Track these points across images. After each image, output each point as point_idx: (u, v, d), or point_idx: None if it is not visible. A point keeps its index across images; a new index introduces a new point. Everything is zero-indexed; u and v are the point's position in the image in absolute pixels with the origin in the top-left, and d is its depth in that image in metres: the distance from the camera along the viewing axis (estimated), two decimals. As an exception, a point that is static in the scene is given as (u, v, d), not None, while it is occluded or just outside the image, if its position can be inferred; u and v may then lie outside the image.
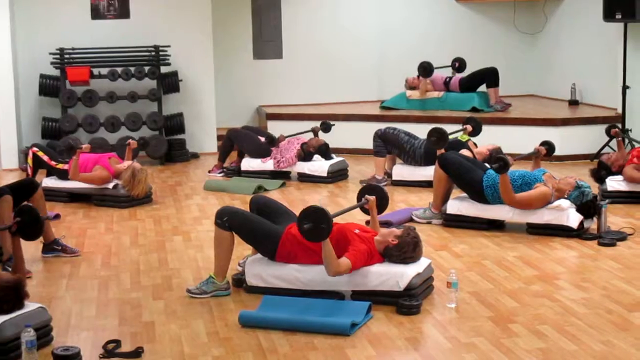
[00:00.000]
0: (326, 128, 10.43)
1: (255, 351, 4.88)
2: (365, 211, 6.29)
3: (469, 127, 9.34)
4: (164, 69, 11.55)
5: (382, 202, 6.28)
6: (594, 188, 7.75)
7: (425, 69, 11.99)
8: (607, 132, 9.17)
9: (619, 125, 10.14)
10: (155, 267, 6.64)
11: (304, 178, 9.93)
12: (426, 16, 13.58)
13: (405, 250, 5.62)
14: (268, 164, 10.00)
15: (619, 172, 8.42)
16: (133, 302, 5.81)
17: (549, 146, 8.12)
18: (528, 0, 13.47)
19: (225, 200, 8.96)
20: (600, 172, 8.51)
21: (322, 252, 5.39)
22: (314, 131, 10.30)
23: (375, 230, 5.96)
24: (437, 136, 8.64)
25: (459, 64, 12.36)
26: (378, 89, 13.29)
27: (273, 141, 10.08)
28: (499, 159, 7.11)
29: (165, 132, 11.58)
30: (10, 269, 6.09)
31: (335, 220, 5.44)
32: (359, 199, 6.32)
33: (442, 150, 8.41)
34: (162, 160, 11.41)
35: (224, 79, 12.62)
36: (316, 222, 5.32)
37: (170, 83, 11.58)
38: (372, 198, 6.15)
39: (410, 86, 12.29)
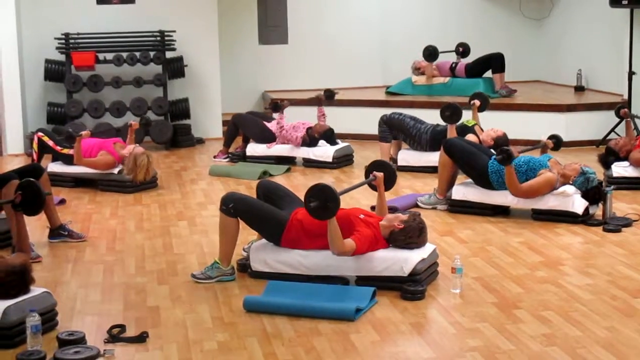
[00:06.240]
0: (330, 96, 10.39)
1: (259, 336, 4.89)
2: (373, 187, 6.26)
3: (477, 102, 9.30)
4: (169, 54, 11.54)
5: (390, 179, 6.26)
6: (599, 174, 7.74)
7: (431, 53, 11.99)
8: (617, 112, 9.15)
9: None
10: (160, 252, 6.65)
11: (309, 163, 9.92)
12: (431, 0, 13.55)
13: (410, 235, 5.62)
14: (273, 150, 9.99)
15: (626, 157, 8.39)
16: (138, 287, 5.82)
17: (556, 140, 8.10)
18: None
19: (231, 185, 8.96)
20: (608, 158, 8.47)
21: (327, 230, 5.39)
22: (319, 98, 10.27)
23: (381, 211, 5.97)
24: (451, 111, 8.65)
25: (463, 49, 12.34)
26: (383, 75, 13.26)
27: (277, 107, 10.05)
28: (502, 151, 7.09)
29: (171, 117, 11.57)
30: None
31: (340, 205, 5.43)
32: (366, 175, 6.31)
33: (453, 128, 8.43)
34: (167, 145, 11.41)
35: (229, 65, 12.59)
36: (323, 200, 5.31)
37: (176, 68, 11.57)
38: (380, 174, 6.14)
39: (417, 67, 12.26)
